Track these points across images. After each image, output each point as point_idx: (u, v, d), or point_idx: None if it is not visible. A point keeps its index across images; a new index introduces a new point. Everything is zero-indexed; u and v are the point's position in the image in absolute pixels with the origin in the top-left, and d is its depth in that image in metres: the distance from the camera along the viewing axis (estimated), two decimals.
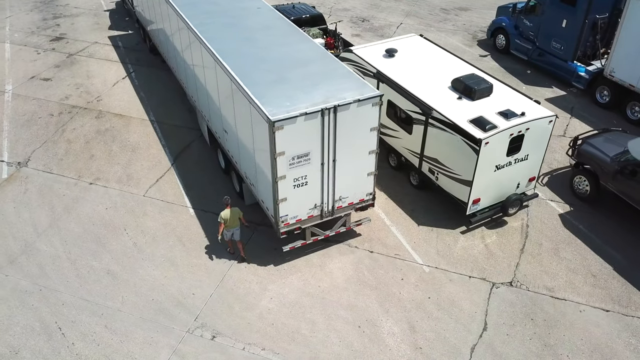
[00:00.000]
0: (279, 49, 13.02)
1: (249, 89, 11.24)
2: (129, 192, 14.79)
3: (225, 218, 12.00)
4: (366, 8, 27.28)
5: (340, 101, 10.83)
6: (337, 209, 12.35)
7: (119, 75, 20.63)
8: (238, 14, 14.92)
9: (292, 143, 10.74)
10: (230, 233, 12.40)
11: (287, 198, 11.42)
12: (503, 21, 22.07)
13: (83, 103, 18.85)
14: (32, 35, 23.92)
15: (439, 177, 13.63)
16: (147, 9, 19.61)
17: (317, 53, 12.87)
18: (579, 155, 14.24)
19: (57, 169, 15.68)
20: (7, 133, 17.24)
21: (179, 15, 14.91)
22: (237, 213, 12.19)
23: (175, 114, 18.22)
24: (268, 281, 12.23)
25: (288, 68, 12.13)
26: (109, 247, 13.11)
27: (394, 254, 12.90)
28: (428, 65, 14.89)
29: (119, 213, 14.11)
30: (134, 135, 17.12)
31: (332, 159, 11.45)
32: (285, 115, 10.40)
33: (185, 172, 15.51)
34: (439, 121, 13.01)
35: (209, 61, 13.21)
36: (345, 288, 12.07)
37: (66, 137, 17.06)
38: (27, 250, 13.03)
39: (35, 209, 14.22)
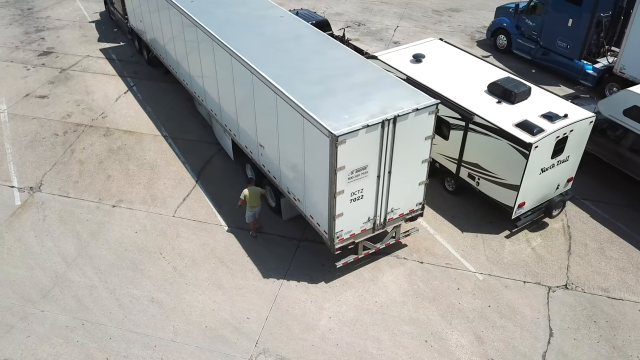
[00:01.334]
0: (316, 58, 12.63)
1: (301, 102, 10.81)
2: (157, 213, 14.10)
3: (245, 195, 12.50)
4: (359, 12, 27.08)
5: (400, 111, 10.54)
6: (389, 221, 12.05)
7: (119, 90, 19.77)
8: (262, 22, 14.42)
9: (352, 157, 10.39)
10: (252, 213, 12.88)
11: (343, 213, 11.05)
12: (504, 21, 22.22)
13: (87, 120, 17.96)
14: (17, 51, 22.72)
15: (480, 182, 13.48)
16: (149, 20, 18.83)
17: (357, 61, 12.54)
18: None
19: (74, 192, 14.82)
20: (11, 156, 16.22)
21: (199, 26, 14.32)
22: (258, 192, 12.74)
23: (188, 128, 17.55)
24: (323, 299, 11.81)
25: (332, 78, 11.75)
26: (148, 273, 12.43)
27: (444, 263, 12.68)
28: (457, 69, 14.76)
29: (150, 236, 13.42)
30: (149, 153, 16.38)
31: (388, 171, 11.15)
32: (348, 128, 10.03)
33: (213, 189, 14.90)
34: (482, 126, 12.87)
35: (241, 73, 12.70)
36: (404, 302, 11.77)
37: (77, 157, 16.18)
38: (58, 282, 12.22)
39: (59, 237, 13.38)
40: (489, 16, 26.51)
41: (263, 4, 15.66)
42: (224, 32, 13.72)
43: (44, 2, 28.00)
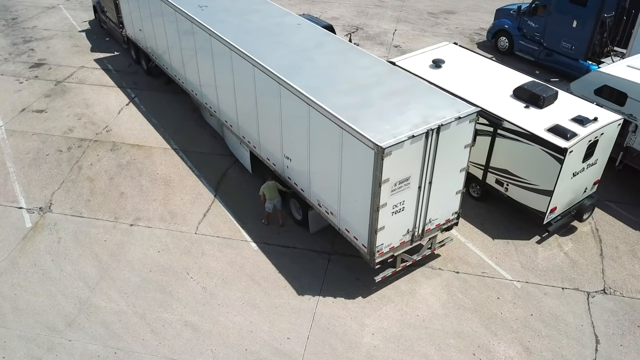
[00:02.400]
0: (343, 67, 12.29)
1: (339, 113, 10.47)
2: (178, 231, 13.57)
3: (264, 189, 13.15)
4: (355, 16, 26.85)
5: (442, 120, 10.28)
6: (426, 232, 11.78)
7: (121, 102, 19.11)
8: (279, 30, 14.02)
9: (396, 168, 10.09)
10: (272, 205, 13.25)
11: (384, 226, 10.73)
12: (505, 23, 22.23)
13: (91, 135, 17.28)
14: (6, 63, 21.82)
15: (509, 188, 13.33)
16: (150, 29, 18.23)
17: (386, 68, 12.26)
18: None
19: (87, 211, 14.18)
20: (15, 176, 15.47)
21: (214, 35, 13.85)
22: (274, 185, 13.21)
23: (198, 140, 17.02)
24: (362, 315, 11.47)
25: (365, 88, 11.43)
26: (177, 295, 11.91)
27: (480, 272, 12.47)
28: (479, 74, 14.60)
29: (174, 255, 12.89)
30: (161, 167, 15.81)
31: (429, 181, 10.88)
32: (393, 140, 9.73)
33: (233, 203, 14.43)
34: (511, 131, 12.71)
35: (266, 85, 12.30)
36: (445, 314, 11.51)
37: (85, 174, 15.52)
38: (83, 308, 11.61)
39: (77, 260, 12.75)
40: (484, 18, 26.62)
41: (277, 11, 15.27)
42: (242, 41, 13.29)
43: (28, 11, 27.06)
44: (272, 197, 13.19)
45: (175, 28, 16.18)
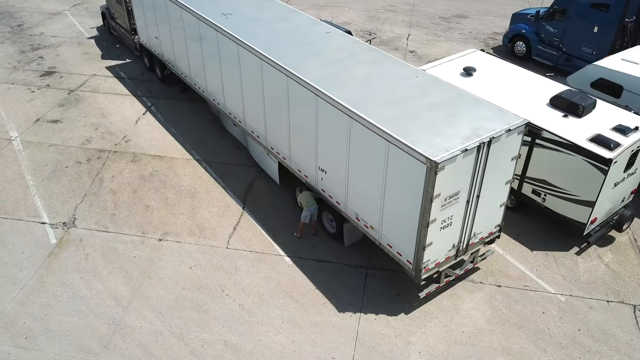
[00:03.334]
0: (382, 77, 11.99)
1: (385, 126, 10.17)
2: (209, 246, 13.20)
3: (300, 201, 13.20)
4: (366, 21, 26.59)
5: (493, 133, 10.02)
6: (470, 246, 11.51)
7: (137, 111, 18.71)
8: (310, 40, 13.70)
9: (448, 183, 9.81)
10: (309, 212, 13.04)
11: (432, 242, 10.43)
12: (522, 28, 22.05)
13: (110, 146, 16.86)
14: (16, 71, 21.33)
15: (546, 198, 13.09)
16: (168, 37, 17.83)
17: (427, 79, 11.97)
18: None
19: (113, 226, 13.78)
20: (35, 189, 15.02)
21: (242, 44, 13.51)
22: (310, 194, 13.19)
23: (221, 150, 16.66)
24: (407, 332, 11.17)
25: (408, 99, 11.14)
26: (214, 314, 11.54)
27: (522, 285, 12.21)
28: (511, 82, 14.37)
29: (207, 272, 12.52)
30: (185, 179, 15.43)
31: (477, 195, 10.60)
32: (447, 154, 9.44)
33: (263, 216, 14.09)
34: (551, 141, 12.47)
35: (302, 96, 11.97)
36: (491, 330, 11.23)
37: (107, 187, 15.10)
38: (118, 329, 11.21)
39: (107, 278, 12.35)
40: (497, 22, 26.47)
41: (304, 19, 14.96)
42: (273, 51, 12.96)
43: (33, 17, 26.55)
44: (309, 204, 13.09)
45: (197, 36, 15.81)
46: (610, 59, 15.87)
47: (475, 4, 29.07)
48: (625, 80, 14.86)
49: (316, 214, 13.23)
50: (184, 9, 15.87)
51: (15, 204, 14.47)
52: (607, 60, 15.78)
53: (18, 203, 14.49)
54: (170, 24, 17.27)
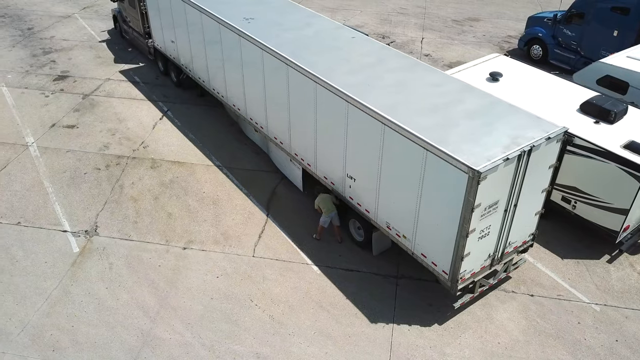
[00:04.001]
0: (414, 84, 11.81)
1: (422, 134, 9.99)
2: (235, 254, 13.00)
3: (318, 204, 12.84)
4: (378, 24, 26.43)
5: (533, 141, 9.85)
6: (505, 255, 11.32)
7: (154, 116, 18.49)
8: (337, 45, 13.51)
9: (488, 193, 9.63)
10: (329, 218, 12.88)
11: (470, 252, 10.24)
12: (539, 31, 21.89)
13: (128, 152, 16.64)
14: (29, 76, 21.11)
15: (577, 205, 12.92)
16: (186, 41, 17.63)
17: (459, 85, 11.79)
18: None
19: (136, 234, 13.57)
20: (54, 196, 14.79)
21: (267, 49, 13.33)
22: (329, 197, 12.92)
23: (241, 156, 16.46)
24: (442, 344, 10.97)
25: (442, 106, 10.96)
26: (244, 325, 11.33)
27: (556, 295, 12.03)
28: (539, 88, 14.20)
29: (234, 281, 12.32)
30: (206, 185, 15.22)
31: (514, 204, 10.42)
32: (489, 163, 9.26)
33: (287, 223, 13.89)
34: (583, 148, 12.30)
35: (331, 103, 11.79)
36: (527, 341, 11.04)
37: (128, 194, 14.89)
38: (147, 341, 10.99)
39: (133, 288, 12.13)
40: (510, 25, 26.33)
41: (328, 24, 14.78)
42: (301, 57, 12.77)
43: (43, 21, 26.33)
44: (329, 210, 12.83)
45: (217, 41, 15.61)
46: (616, 56, 16.24)
47: (486, 7, 28.93)
48: (631, 77, 15.20)
49: (337, 218, 13.02)
50: (204, 13, 15.67)
51: (35, 211, 14.24)
52: (613, 58, 16.16)
53: (38, 211, 14.27)
54: (189, 28, 17.06)
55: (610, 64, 15.78)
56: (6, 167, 15.85)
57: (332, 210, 12.89)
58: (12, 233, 13.55)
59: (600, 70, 15.97)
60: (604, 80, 15.75)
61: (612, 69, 15.66)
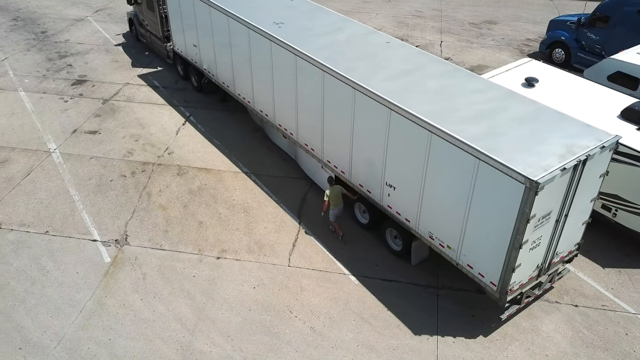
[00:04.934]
0: (456, 90, 11.57)
1: (473, 142, 9.76)
2: (270, 264, 12.74)
3: (329, 195, 12.67)
4: (395, 27, 26.21)
5: (588, 150, 9.63)
6: (551, 265, 11.09)
7: (176, 122, 18.24)
8: (371, 50, 13.26)
9: (544, 203, 9.41)
10: (336, 212, 12.99)
11: (521, 264, 10.01)
12: (562, 35, 21.69)
13: (153, 158, 16.38)
14: (46, 80, 20.83)
15: (617, 213, 12.70)
16: (209, 45, 17.37)
17: (502, 92, 11.56)
18: None
19: (168, 243, 13.30)
20: (81, 204, 14.52)
21: (301, 55, 13.10)
22: (339, 190, 12.87)
23: (268, 162, 16.21)
24: (489, 356, 10.74)
25: (488, 114, 10.73)
26: (285, 337, 11.08)
27: (600, 305, 11.80)
28: (576, 94, 13.99)
29: (271, 292, 12.06)
30: (236, 193, 14.97)
31: (565, 214, 10.19)
32: (548, 174, 9.04)
33: (320, 231, 13.66)
34: (626, 155, 12.08)
35: (371, 108, 11.58)
36: (576, 353, 10.81)
37: (156, 202, 14.62)
38: (187, 354, 10.74)
39: (169, 299, 11.87)
40: (528, 28, 26.14)
41: (360, 29, 14.53)
42: (337, 63, 12.53)
43: (56, 24, 26.05)
44: (337, 204, 12.93)
45: (245, 46, 15.35)
46: (626, 53, 16.50)
47: (502, 9, 28.74)
48: None
49: (341, 212, 13.17)
50: (232, 17, 15.42)
51: (63, 220, 13.97)
52: (623, 54, 16.43)
53: (66, 219, 14.00)
54: (214, 32, 16.81)
55: (621, 60, 16.05)
56: (30, 175, 15.58)
57: (341, 204, 12.99)
58: (41, 242, 13.28)
59: (611, 67, 16.24)
60: (615, 76, 15.98)
61: (623, 65, 15.88)
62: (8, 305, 11.66)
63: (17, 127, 17.81)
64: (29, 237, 13.43)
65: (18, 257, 12.84)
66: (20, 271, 12.49)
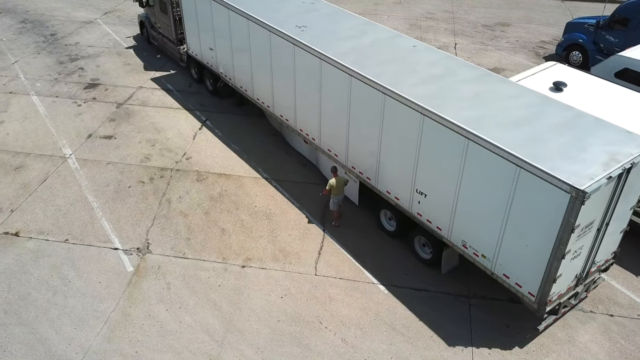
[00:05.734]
0: (490, 96, 11.32)
1: (514, 150, 9.51)
2: (296, 272, 12.48)
3: (332, 185, 13.00)
4: (408, 29, 25.95)
5: (632, 158, 9.41)
6: (589, 274, 10.84)
7: (193, 126, 17.96)
8: (398, 54, 13.02)
9: (588, 212, 9.16)
10: (337, 200, 13.34)
11: (562, 274, 9.76)
12: (579, 37, 21.46)
13: (171, 163, 16.10)
14: (58, 84, 20.54)
15: None
16: (227, 48, 17.12)
17: (536, 98, 11.31)
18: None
19: (191, 251, 13.03)
20: (100, 211, 14.24)
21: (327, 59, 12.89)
22: (342, 180, 13.27)
23: (288, 168, 15.95)
24: None
25: (525, 120, 10.48)
26: (316, 349, 10.81)
27: (636, 314, 11.56)
28: (606, 99, 13.69)
29: (299, 302, 11.79)
30: (257, 199, 14.70)
31: (606, 222, 9.94)
32: (594, 183, 8.80)
33: (345, 239, 13.40)
34: None
35: (402, 114, 11.35)
36: None
37: (176, 208, 14.34)
38: None
39: (195, 310, 11.59)
40: (541, 30, 25.92)
41: (384, 32, 14.30)
42: (365, 67, 12.29)
43: (65, 26, 25.77)
44: (338, 193, 13.26)
45: (265, 50, 15.09)
46: (634, 50, 16.40)
47: (514, 11, 28.52)
48: None
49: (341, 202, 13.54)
50: (252, 20, 15.16)
51: (82, 227, 13.69)
52: (631, 51, 16.30)
53: (85, 227, 13.71)
54: (232, 35, 16.54)
55: (629, 57, 15.93)
56: (46, 181, 15.29)
57: (342, 193, 13.36)
58: (61, 251, 12.99)
59: (618, 63, 16.16)
60: (622, 73, 15.95)
61: (630, 62, 15.78)
62: (31, 316, 11.38)
63: (31, 131, 17.52)
64: (48, 246, 13.14)
65: (38, 267, 12.55)
66: (42, 281, 12.20)
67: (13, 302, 11.68)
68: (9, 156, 16.31)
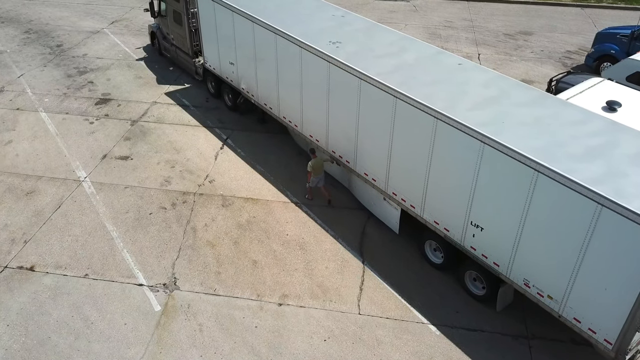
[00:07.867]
0: (554, 121, 10.40)
1: (596, 187, 8.62)
2: (338, 311, 11.50)
3: (312, 166, 13.68)
4: (428, 38, 25.04)
5: None
6: None
7: (213, 145, 16.98)
8: (446, 75, 12.08)
9: None
10: (316, 180, 13.97)
11: None
12: (611, 48, 20.61)
13: (193, 187, 15.10)
14: (67, 99, 19.52)
15: None
16: (250, 63, 16.17)
17: (604, 123, 10.41)
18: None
19: (222, 288, 12.04)
20: (121, 241, 13.22)
21: (368, 79, 12.02)
22: (321, 161, 13.86)
23: (316, 191, 14.94)
24: None
25: (599, 150, 9.57)
26: None
27: None
28: None
29: (345, 345, 10.81)
30: (288, 227, 13.72)
31: None
32: None
33: (388, 272, 12.45)
34: None
35: (457, 140, 10.45)
36: None
37: (203, 238, 13.35)
38: None
39: (232, 355, 10.60)
40: (565, 39, 25.10)
41: (427, 49, 13.40)
42: (412, 88, 11.42)
43: (71, 37, 24.75)
44: (318, 173, 13.89)
45: (296, 66, 14.14)
46: None
47: (535, 19, 27.67)
48: None
49: (323, 181, 14.09)
50: (281, 35, 14.23)
51: (103, 260, 12.68)
52: None
53: (106, 260, 12.71)
54: (256, 49, 15.58)
55: None
56: (61, 207, 14.27)
57: (320, 173, 13.93)
58: (81, 288, 11.98)
59: (630, 67, 16.37)
60: (634, 76, 16.13)
61: None
62: None
63: (41, 152, 16.50)
64: (67, 282, 12.13)
65: (57, 306, 11.53)
66: (62, 323, 11.18)
67: (32, 349, 10.66)
68: (19, 180, 15.28)
